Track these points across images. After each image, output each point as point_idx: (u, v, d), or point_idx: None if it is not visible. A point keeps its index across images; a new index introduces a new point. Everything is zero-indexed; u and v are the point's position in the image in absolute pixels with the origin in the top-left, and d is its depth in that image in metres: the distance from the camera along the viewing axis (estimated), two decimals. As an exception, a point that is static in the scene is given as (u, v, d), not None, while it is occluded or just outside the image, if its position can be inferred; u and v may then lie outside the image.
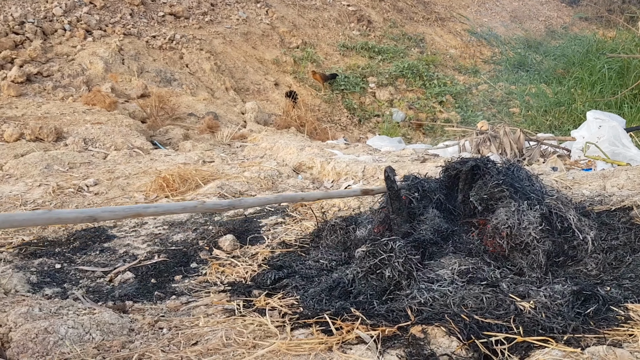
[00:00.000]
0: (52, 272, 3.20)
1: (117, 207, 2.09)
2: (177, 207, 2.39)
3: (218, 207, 2.35)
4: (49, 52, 9.05)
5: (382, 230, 2.97)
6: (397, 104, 11.83)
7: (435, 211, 2.89)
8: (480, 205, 2.86)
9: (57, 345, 2.16)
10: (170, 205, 2.28)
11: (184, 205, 2.33)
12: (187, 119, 8.39)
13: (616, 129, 5.71)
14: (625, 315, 2.22)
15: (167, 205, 2.24)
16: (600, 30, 15.87)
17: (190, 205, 2.31)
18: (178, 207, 2.39)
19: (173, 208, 2.38)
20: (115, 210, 2.00)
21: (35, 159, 5.57)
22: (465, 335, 2.05)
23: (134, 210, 2.11)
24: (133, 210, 2.11)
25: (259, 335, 2.18)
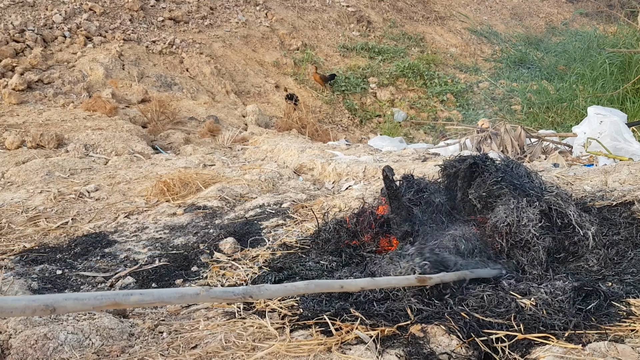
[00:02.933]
0: (53, 279, 3.21)
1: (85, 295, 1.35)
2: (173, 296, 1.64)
3: (227, 297, 1.67)
4: (49, 59, 9.07)
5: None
6: (398, 103, 11.82)
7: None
8: (479, 203, 2.85)
9: (56, 351, 2.15)
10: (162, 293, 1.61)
11: (181, 294, 1.64)
12: (187, 123, 8.40)
13: (617, 124, 5.68)
14: (627, 310, 2.21)
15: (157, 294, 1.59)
16: (601, 26, 15.82)
17: (189, 294, 1.63)
18: (174, 296, 1.64)
19: (166, 297, 1.62)
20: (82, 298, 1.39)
21: (36, 166, 5.58)
22: (465, 334, 2.04)
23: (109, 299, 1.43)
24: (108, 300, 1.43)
25: (258, 338, 2.17)
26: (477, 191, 2.85)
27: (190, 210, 4.30)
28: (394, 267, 2.47)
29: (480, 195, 2.84)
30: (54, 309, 1.34)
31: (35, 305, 1.33)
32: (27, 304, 1.33)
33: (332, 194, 4.65)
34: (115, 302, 1.47)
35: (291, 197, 4.50)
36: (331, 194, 4.66)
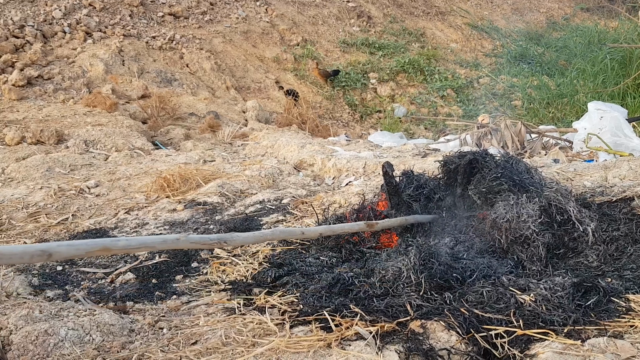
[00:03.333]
0: (53, 275, 3.21)
1: (77, 242, 1.51)
2: (156, 241, 1.88)
3: (204, 242, 1.85)
4: (49, 55, 9.06)
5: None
6: (398, 99, 11.81)
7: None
8: (479, 199, 2.85)
9: (57, 347, 2.16)
10: (146, 239, 1.79)
11: (163, 239, 1.83)
12: (188, 118, 8.39)
13: (618, 120, 5.68)
14: (627, 306, 2.21)
15: (142, 239, 1.76)
16: (602, 21, 15.79)
17: (170, 239, 1.81)
18: (157, 241, 1.88)
19: (150, 242, 1.85)
20: (75, 244, 1.54)
21: (36, 162, 5.58)
22: (464, 330, 2.05)
23: (99, 245, 1.61)
24: (98, 245, 1.61)
25: (258, 334, 2.18)
26: (477, 187, 2.86)
27: (191, 206, 4.31)
28: (392, 263, 2.47)
29: (480, 191, 2.84)
30: (50, 255, 1.43)
31: (32, 251, 1.43)
32: (24, 249, 1.43)
33: (332, 190, 4.65)
34: (105, 247, 1.61)
35: (291, 193, 4.50)
36: (331, 190, 4.66)
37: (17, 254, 1.41)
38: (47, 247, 1.41)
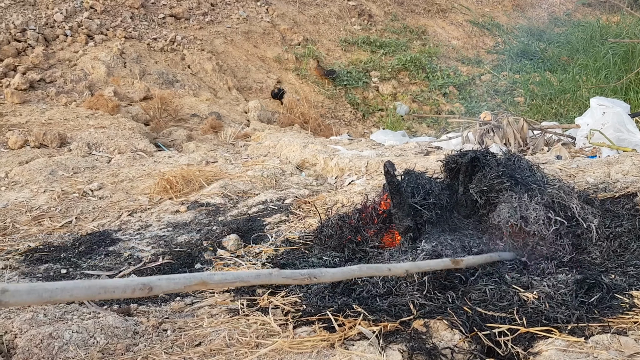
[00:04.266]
0: (58, 278, 3.22)
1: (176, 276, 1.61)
2: (250, 276, 1.97)
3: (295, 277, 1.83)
4: (51, 58, 9.09)
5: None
6: (400, 97, 11.79)
7: None
8: (480, 198, 2.85)
9: (61, 350, 2.17)
10: (240, 274, 1.90)
11: (257, 274, 1.91)
12: (190, 119, 8.41)
13: (620, 115, 5.66)
14: (630, 302, 2.21)
15: (236, 274, 1.75)
16: (604, 16, 15.74)
17: (264, 274, 1.88)
18: (251, 276, 1.96)
19: (244, 276, 1.93)
20: (174, 279, 1.60)
21: (39, 165, 5.59)
22: (467, 328, 2.05)
23: (197, 278, 1.66)
24: (197, 279, 1.66)
25: (261, 334, 2.18)
26: (478, 185, 2.85)
27: (193, 208, 4.31)
28: (395, 262, 2.47)
29: (481, 189, 2.84)
30: (151, 288, 1.49)
31: (134, 285, 1.49)
32: (127, 283, 1.48)
33: (335, 189, 4.65)
34: (203, 281, 1.64)
35: (294, 193, 4.50)
36: (334, 189, 4.67)
37: (120, 287, 1.46)
38: (148, 281, 1.51)
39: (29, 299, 1.28)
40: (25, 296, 1.27)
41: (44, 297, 1.31)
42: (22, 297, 1.26)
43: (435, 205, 2.97)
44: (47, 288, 1.34)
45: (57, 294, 1.33)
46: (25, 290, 1.29)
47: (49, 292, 1.32)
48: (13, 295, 1.24)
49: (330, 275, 2.03)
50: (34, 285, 1.36)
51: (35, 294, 1.27)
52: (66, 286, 1.35)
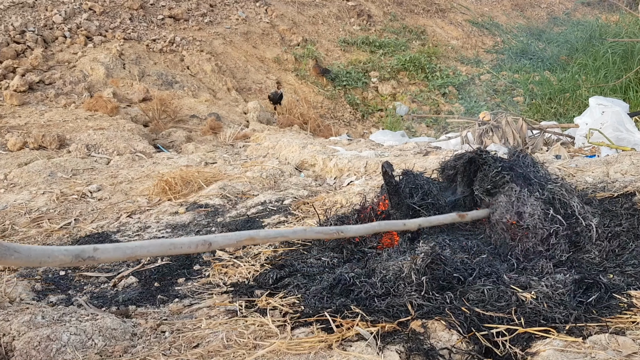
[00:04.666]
0: (56, 280, 3.22)
1: (230, 234, 1.94)
2: (289, 232, 2.37)
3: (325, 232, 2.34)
4: (50, 59, 9.09)
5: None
6: (399, 97, 11.80)
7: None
8: (486, 197, 2.85)
9: (59, 352, 2.16)
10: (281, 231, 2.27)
11: (294, 230, 2.30)
12: (189, 121, 8.41)
13: (619, 114, 5.66)
14: (628, 302, 2.21)
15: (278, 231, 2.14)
16: (603, 15, 15.74)
17: (299, 230, 2.26)
18: (289, 232, 2.37)
19: (284, 233, 2.35)
20: (228, 236, 1.88)
21: (38, 167, 5.59)
22: (465, 328, 2.04)
23: (245, 235, 1.99)
24: (245, 236, 1.98)
25: (260, 336, 2.18)
26: (482, 186, 2.85)
27: (192, 209, 4.31)
28: (393, 262, 2.47)
29: (485, 189, 2.84)
30: (210, 244, 1.75)
31: (197, 241, 1.74)
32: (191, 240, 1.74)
33: (334, 190, 4.65)
34: (250, 236, 1.96)
35: (293, 194, 4.50)
36: (333, 190, 4.66)
37: (186, 244, 1.72)
38: (208, 238, 1.76)
39: (115, 255, 1.46)
40: (112, 253, 1.45)
41: (127, 253, 1.55)
42: (110, 254, 1.44)
43: (434, 206, 2.97)
44: (129, 246, 1.58)
45: (137, 250, 1.57)
46: (112, 248, 1.50)
47: (131, 249, 1.56)
48: (103, 253, 1.40)
49: (354, 231, 2.45)
50: (118, 245, 1.61)
51: (120, 252, 1.52)
52: (143, 244, 1.62)
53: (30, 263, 1.31)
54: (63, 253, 1.37)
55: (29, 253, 1.32)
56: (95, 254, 1.42)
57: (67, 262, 1.37)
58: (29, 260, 1.30)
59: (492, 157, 2.94)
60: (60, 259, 1.36)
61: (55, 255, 1.36)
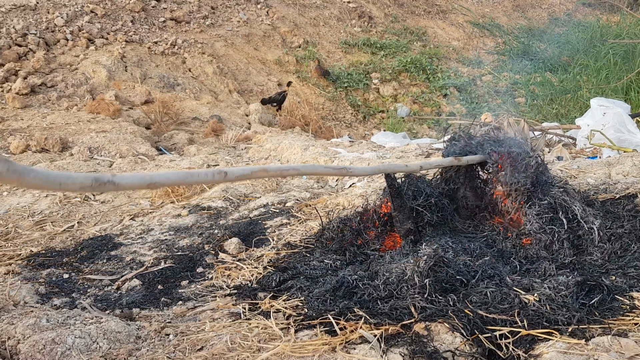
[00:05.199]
0: (60, 282, 3.23)
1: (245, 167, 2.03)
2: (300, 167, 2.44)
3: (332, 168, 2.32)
4: (52, 62, 9.11)
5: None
6: (401, 99, 11.81)
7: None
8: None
9: (64, 355, 2.18)
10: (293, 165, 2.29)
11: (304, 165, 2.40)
12: (191, 123, 8.42)
13: (621, 116, 5.67)
14: (631, 304, 2.22)
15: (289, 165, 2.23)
16: (604, 16, 15.75)
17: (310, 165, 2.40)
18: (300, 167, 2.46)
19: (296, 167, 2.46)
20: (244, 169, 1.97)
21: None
22: (469, 331, 2.05)
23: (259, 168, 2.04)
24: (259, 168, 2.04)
25: (263, 338, 2.19)
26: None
27: (195, 211, 4.32)
28: (396, 265, 2.48)
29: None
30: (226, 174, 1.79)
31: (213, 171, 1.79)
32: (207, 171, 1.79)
33: (336, 192, 4.66)
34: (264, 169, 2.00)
35: (295, 196, 4.51)
36: (335, 192, 4.67)
37: (202, 174, 1.75)
38: (223, 169, 1.79)
39: (134, 182, 1.50)
40: (131, 179, 1.51)
41: (146, 180, 1.57)
42: (129, 180, 1.47)
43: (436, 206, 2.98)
44: (147, 174, 1.60)
45: (155, 178, 1.59)
46: (131, 176, 1.53)
47: (149, 176, 1.58)
48: (122, 179, 1.45)
49: (360, 171, 2.68)
50: (138, 173, 1.66)
51: (138, 179, 1.51)
52: (160, 173, 1.63)
53: (49, 184, 1.27)
54: (83, 176, 1.36)
55: (47, 174, 1.29)
56: (115, 179, 1.44)
57: (87, 185, 1.34)
58: (47, 180, 1.27)
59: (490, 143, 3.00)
60: (80, 181, 1.34)
61: (74, 177, 1.34)
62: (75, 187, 1.35)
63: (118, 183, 1.42)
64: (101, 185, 1.41)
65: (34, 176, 1.26)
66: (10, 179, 1.20)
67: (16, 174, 1.21)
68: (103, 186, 1.41)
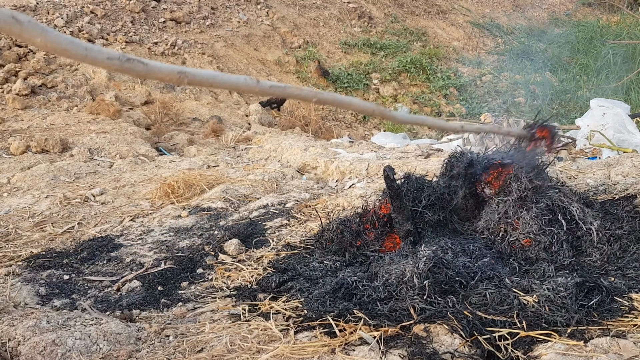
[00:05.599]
0: (60, 284, 3.24)
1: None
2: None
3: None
4: (52, 63, 9.12)
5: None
6: (401, 99, 11.81)
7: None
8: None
9: (64, 357, 2.18)
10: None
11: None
12: (191, 123, 8.43)
13: (620, 116, 5.67)
14: (630, 305, 2.22)
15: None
16: (604, 16, 15.75)
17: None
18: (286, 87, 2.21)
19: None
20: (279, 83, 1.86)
21: (41, 171, 5.61)
22: (468, 332, 2.06)
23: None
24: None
25: (263, 340, 2.19)
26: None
27: (195, 212, 4.33)
28: (396, 266, 2.49)
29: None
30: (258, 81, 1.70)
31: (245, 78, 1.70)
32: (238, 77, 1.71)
33: (336, 193, 4.66)
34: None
35: (295, 197, 4.52)
36: (335, 193, 4.68)
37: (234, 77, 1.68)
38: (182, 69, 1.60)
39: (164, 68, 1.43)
40: (159, 66, 1.40)
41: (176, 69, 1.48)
42: (159, 66, 1.40)
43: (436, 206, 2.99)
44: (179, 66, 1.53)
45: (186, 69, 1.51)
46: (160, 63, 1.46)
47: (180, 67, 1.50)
48: (153, 63, 1.38)
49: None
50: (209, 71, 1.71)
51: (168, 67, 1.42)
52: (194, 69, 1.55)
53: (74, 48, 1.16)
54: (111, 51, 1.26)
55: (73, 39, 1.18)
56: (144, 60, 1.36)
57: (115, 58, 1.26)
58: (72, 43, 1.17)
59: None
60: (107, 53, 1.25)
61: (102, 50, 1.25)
62: (102, 57, 1.25)
63: (147, 64, 1.34)
64: (129, 61, 1.32)
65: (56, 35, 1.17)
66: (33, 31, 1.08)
67: (39, 28, 1.12)
68: (131, 63, 1.32)
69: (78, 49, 1.20)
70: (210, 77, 1.58)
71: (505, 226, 2.73)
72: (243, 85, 1.66)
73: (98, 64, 1.27)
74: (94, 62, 1.27)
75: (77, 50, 1.20)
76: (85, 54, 1.22)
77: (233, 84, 1.70)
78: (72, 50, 1.19)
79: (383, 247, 2.99)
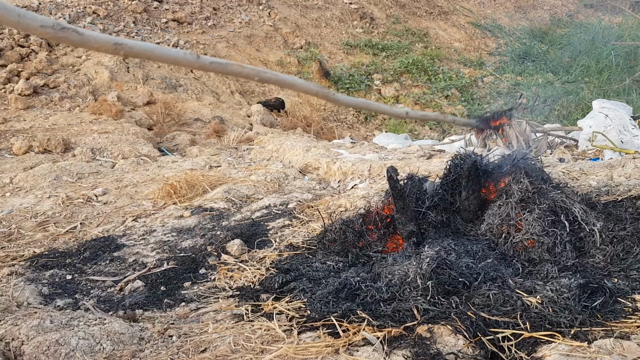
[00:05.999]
0: (63, 284, 3.24)
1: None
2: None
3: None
4: (54, 63, 9.13)
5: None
6: (402, 100, 11.81)
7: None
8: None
9: (68, 357, 2.18)
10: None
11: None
12: (193, 124, 8.44)
13: (623, 117, 5.67)
14: (633, 306, 2.22)
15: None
16: (606, 17, 15.74)
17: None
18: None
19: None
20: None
21: (44, 170, 5.62)
22: (471, 333, 2.06)
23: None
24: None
25: (266, 340, 2.19)
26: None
27: (197, 213, 4.33)
28: (399, 267, 2.49)
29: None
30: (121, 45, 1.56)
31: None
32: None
33: (338, 193, 4.67)
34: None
35: (297, 197, 4.52)
36: (337, 193, 4.68)
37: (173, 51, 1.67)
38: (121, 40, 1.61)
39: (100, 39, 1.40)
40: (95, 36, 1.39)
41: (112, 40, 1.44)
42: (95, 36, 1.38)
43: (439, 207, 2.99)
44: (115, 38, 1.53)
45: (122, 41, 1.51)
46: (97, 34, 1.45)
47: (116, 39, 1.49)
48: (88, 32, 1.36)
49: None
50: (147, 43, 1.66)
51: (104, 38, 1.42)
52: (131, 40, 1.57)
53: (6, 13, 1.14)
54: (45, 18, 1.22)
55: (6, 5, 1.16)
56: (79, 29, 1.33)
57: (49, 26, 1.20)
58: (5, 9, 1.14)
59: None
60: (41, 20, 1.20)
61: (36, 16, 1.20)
62: (36, 24, 1.20)
63: (82, 33, 1.30)
64: (64, 30, 1.25)
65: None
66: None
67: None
68: (65, 32, 1.24)
69: (11, 15, 1.17)
70: (148, 50, 1.53)
71: (508, 227, 2.73)
72: (182, 59, 1.61)
73: (31, 30, 1.22)
74: (27, 28, 1.22)
75: (10, 16, 1.17)
76: (18, 20, 1.19)
77: (172, 58, 1.65)
78: (5, 16, 1.16)
79: (386, 248, 2.99)
